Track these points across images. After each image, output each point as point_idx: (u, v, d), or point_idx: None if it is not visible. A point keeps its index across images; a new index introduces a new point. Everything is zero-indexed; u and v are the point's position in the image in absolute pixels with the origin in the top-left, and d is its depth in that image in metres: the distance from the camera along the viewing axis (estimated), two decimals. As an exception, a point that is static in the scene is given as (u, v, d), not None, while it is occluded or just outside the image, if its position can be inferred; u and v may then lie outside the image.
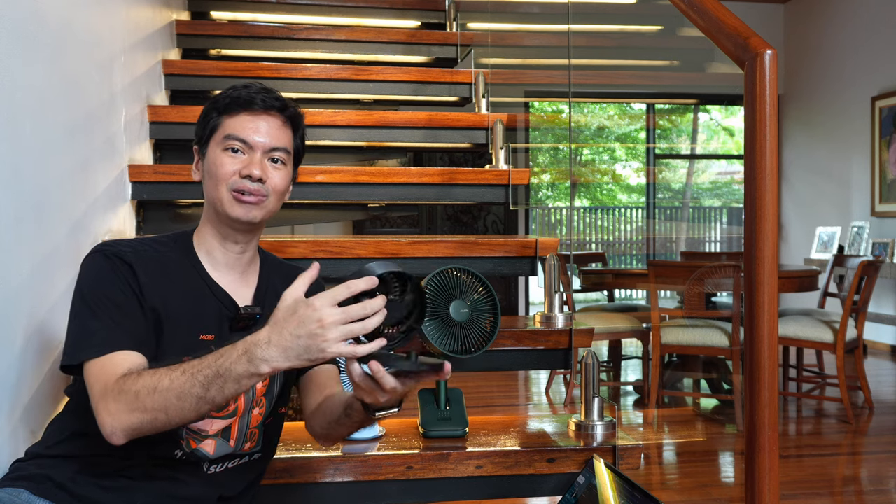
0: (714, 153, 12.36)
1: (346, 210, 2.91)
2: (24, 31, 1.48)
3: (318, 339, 1.04)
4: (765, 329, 1.40)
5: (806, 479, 3.13)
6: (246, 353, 1.07)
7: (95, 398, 1.16)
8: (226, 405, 1.25)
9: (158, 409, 1.11)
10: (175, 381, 1.10)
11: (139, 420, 1.12)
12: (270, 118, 1.34)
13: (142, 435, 1.14)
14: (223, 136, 1.33)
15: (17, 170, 1.43)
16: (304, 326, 1.04)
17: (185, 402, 1.10)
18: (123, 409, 1.12)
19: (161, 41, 3.00)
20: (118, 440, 1.13)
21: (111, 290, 1.24)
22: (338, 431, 1.34)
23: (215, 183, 1.32)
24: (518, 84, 6.02)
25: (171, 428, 1.14)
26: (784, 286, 4.09)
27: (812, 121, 7.31)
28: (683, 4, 1.63)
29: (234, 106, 1.33)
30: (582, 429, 1.79)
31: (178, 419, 1.12)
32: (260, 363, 1.06)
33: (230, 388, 1.09)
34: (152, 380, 1.12)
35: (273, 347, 1.06)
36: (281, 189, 1.36)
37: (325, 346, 1.04)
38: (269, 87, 1.37)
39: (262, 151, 1.33)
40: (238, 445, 1.33)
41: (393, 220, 7.57)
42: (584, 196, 12.56)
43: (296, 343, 1.05)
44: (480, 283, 1.71)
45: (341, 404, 1.30)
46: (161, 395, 1.10)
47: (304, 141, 1.43)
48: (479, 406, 4.38)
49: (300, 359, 1.06)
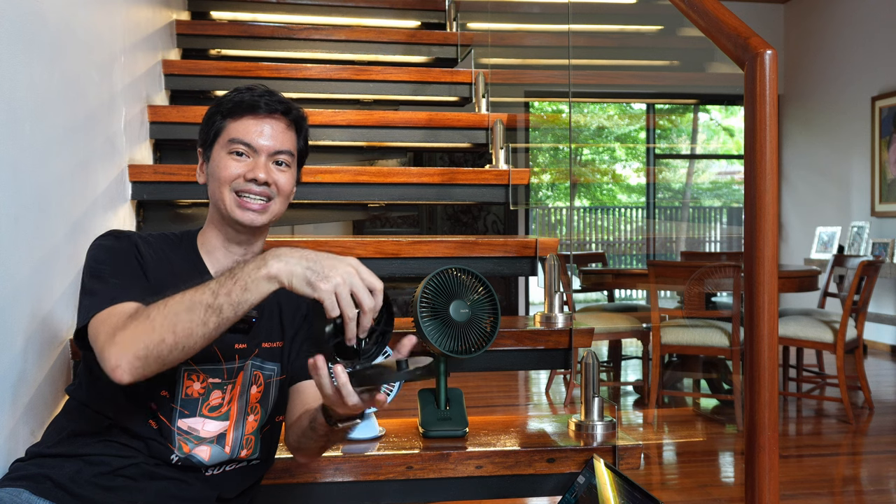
0: (714, 153, 12.36)
1: (346, 210, 2.91)
2: (24, 31, 1.48)
3: (328, 271, 1.08)
4: (765, 329, 1.40)
5: (806, 479, 3.13)
6: (265, 255, 1.11)
7: (102, 341, 1.14)
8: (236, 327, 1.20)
9: (167, 327, 1.10)
10: (186, 294, 1.12)
11: (147, 343, 1.10)
12: (275, 121, 1.34)
13: (148, 368, 1.11)
14: (228, 140, 1.33)
15: (16, 170, 1.43)
16: (331, 259, 1.10)
17: (194, 312, 1.09)
18: (130, 337, 1.11)
19: (161, 41, 3.00)
20: (122, 375, 1.10)
21: (118, 260, 1.25)
22: (307, 445, 1.35)
23: (219, 185, 1.33)
24: (518, 84, 6.03)
25: (178, 357, 1.12)
26: (784, 286, 4.09)
27: (812, 121, 7.31)
28: (683, 4, 1.63)
29: (238, 110, 1.33)
30: (582, 429, 1.79)
31: (184, 338, 1.10)
32: (271, 259, 1.09)
33: (237, 292, 1.09)
34: (163, 300, 1.13)
35: (293, 254, 1.10)
36: (286, 191, 1.36)
37: (326, 284, 1.07)
38: (272, 90, 1.37)
39: (266, 155, 1.33)
40: (234, 452, 1.33)
41: (393, 220, 7.57)
42: (584, 196, 12.56)
43: (314, 262, 1.09)
44: (480, 283, 1.71)
45: (308, 416, 1.31)
46: (171, 308, 1.11)
47: (307, 142, 1.43)
48: (479, 406, 4.38)
49: (303, 276, 1.08)
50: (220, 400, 1.31)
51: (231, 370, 1.32)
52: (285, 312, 1.40)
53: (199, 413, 1.29)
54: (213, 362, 1.30)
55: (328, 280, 1.07)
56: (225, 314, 1.10)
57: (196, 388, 1.29)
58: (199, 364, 1.29)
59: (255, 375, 1.35)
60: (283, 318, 1.40)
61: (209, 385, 1.30)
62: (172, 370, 1.25)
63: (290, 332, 1.40)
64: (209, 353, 1.29)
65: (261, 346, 1.36)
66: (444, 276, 1.68)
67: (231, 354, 1.32)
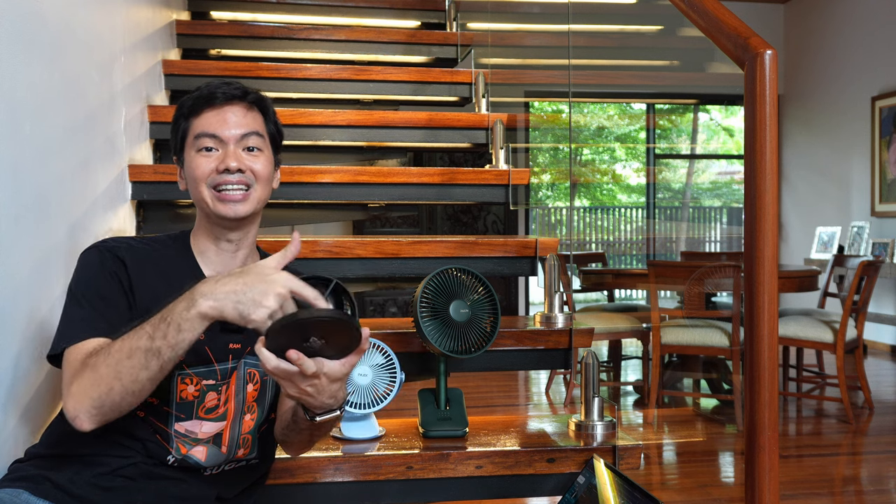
0: (714, 153, 12.36)
1: (346, 210, 2.91)
2: (24, 31, 1.48)
3: (258, 298, 1.06)
4: (765, 329, 1.40)
5: (806, 479, 3.13)
6: (191, 292, 1.09)
7: (64, 388, 1.17)
8: (177, 367, 1.20)
9: (112, 375, 1.11)
10: (125, 341, 1.12)
11: (98, 394, 1.11)
12: (234, 107, 1.34)
13: (105, 416, 1.13)
14: (194, 138, 1.33)
15: (16, 169, 1.43)
16: (257, 282, 1.07)
17: (134, 358, 1.10)
18: (82, 388, 1.13)
19: (161, 41, 3.00)
20: (82, 424, 1.13)
21: (98, 282, 1.25)
22: (291, 438, 1.34)
23: (196, 185, 1.33)
24: (518, 84, 6.02)
25: (131, 402, 1.13)
26: (784, 286, 4.09)
27: (812, 121, 7.30)
28: (683, 4, 1.63)
29: (197, 106, 1.34)
30: (582, 429, 1.79)
31: (130, 384, 1.11)
32: (199, 298, 1.07)
33: (172, 333, 1.08)
34: (107, 348, 1.13)
35: (219, 286, 1.08)
36: (264, 175, 1.35)
37: (257, 310, 1.05)
38: (230, 80, 1.37)
39: (234, 142, 1.33)
40: (231, 452, 1.33)
41: (393, 220, 7.56)
42: (584, 196, 12.56)
43: (242, 293, 1.07)
44: (480, 283, 1.71)
45: (289, 410, 1.31)
46: (113, 357, 1.11)
47: (278, 126, 1.42)
48: (479, 406, 4.38)
49: (234, 308, 1.07)
50: (215, 401, 1.31)
51: (224, 371, 1.32)
52: None
53: (196, 416, 1.29)
54: (206, 364, 1.30)
55: (259, 309, 1.06)
56: (165, 356, 1.10)
57: (190, 391, 1.29)
58: (191, 367, 1.28)
59: (250, 373, 1.34)
60: None
61: (203, 387, 1.29)
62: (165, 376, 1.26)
63: None
64: (201, 356, 1.29)
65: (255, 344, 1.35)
66: (444, 276, 1.68)
67: (224, 355, 1.32)
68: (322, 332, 1.06)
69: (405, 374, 1.75)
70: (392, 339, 1.83)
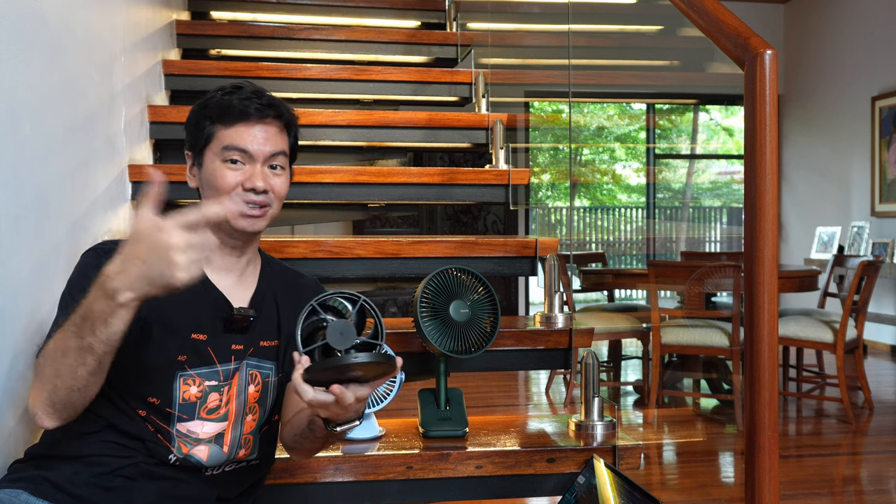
0: (714, 153, 12.37)
1: (346, 210, 2.91)
2: (24, 31, 1.48)
3: (165, 267, 1.02)
4: (765, 329, 1.40)
5: (806, 479, 3.13)
6: (101, 288, 1.06)
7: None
8: (109, 354, 1.15)
9: (53, 374, 1.12)
10: (56, 341, 1.12)
11: (46, 393, 1.13)
12: (267, 126, 1.34)
13: (62, 413, 1.15)
14: (221, 148, 1.32)
15: (16, 169, 1.43)
16: (151, 252, 1.02)
17: (68, 357, 1.10)
18: (36, 388, 1.15)
19: (161, 41, 3.00)
20: (43, 422, 1.16)
21: (88, 285, 1.24)
22: (304, 445, 1.34)
23: (217, 195, 1.32)
24: (518, 84, 6.03)
25: (81, 397, 1.13)
26: (784, 286, 4.09)
27: (812, 121, 7.31)
28: (683, 4, 1.63)
29: (229, 116, 1.32)
30: (582, 429, 1.79)
31: (71, 381, 1.11)
32: (115, 293, 1.04)
33: (100, 329, 1.07)
34: (45, 349, 1.15)
35: (123, 275, 1.04)
36: (283, 193, 1.37)
37: (174, 275, 1.01)
38: (259, 89, 1.36)
39: (262, 160, 1.33)
40: (232, 453, 1.33)
41: (393, 220, 7.56)
42: (584, 196, 12.56)
43: (147, 268, 1.02)
44: (480, 283, 1.71)
45: (305, 418, 1.30)
46: (49, 357, 1.12)
47: (297, 139, 1.43)
48: (479, 406, 4.38)
49: (152, 286, 1.03)
50: (217, 402, 1.31)
51: (227, 371, 1.32)
52: (282, 310, 1.40)
53: (198, 416, 1.29)
54: (208, 365, 1.30)
55: (175, 272, 1.01)
56: (99, 350, 1.09)
57: (193, 392, 1.29)
58: (193, 368, 1.28)
59: (252, 375, 1.34)
60: (280, 316, 1.39)
61: (206, 388, 1.29)
62: (167, 377, 1.26)
63: (286, 330, 1.40)
64: (204, 357, 1.29)
65: (258, 345, 1.36)
66: (443, 276, 1.68)
67: (227, 356, 1.32)
68: (362, 370, 1.10)
69: (405, 374, 1.75)
70: (392, 339, 1.83)
